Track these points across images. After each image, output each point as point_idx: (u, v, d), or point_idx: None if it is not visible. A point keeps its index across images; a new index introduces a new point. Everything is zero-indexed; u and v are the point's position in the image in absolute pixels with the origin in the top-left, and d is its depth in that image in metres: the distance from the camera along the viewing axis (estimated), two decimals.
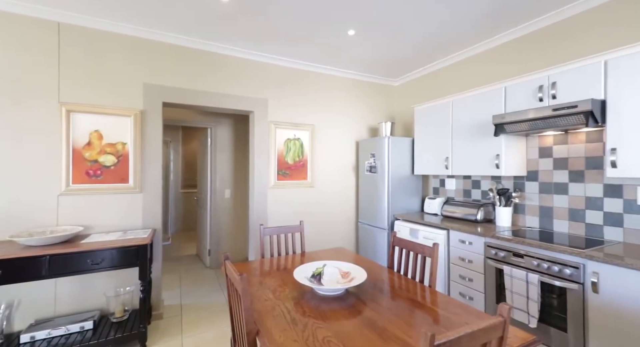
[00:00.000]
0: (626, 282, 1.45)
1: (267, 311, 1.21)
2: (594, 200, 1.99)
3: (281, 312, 1.20)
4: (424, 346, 0.69)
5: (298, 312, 1.20)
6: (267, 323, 1.12)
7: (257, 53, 2.94)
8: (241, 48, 2.84)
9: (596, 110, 1.69)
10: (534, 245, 1.82)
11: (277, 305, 1.26)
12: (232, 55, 2.87)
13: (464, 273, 2.29)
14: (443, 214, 2.84)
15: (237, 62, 2.90)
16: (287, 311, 1.21)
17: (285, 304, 1.27)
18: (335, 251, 2.11)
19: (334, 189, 3.45)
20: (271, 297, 1.34)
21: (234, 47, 2.81)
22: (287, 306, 1.25)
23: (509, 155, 2.30)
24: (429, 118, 2.96)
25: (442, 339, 0.71)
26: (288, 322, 1.12)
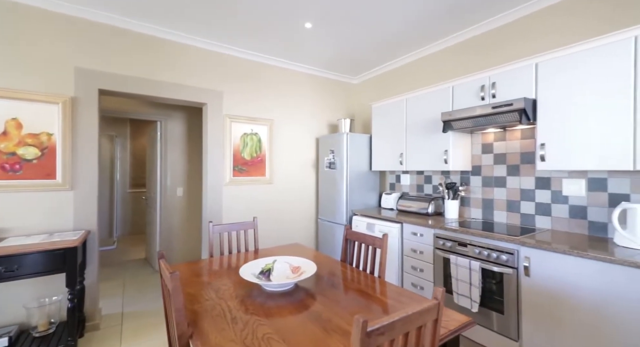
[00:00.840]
0: (552, 265, 1.59)
1: (206, 311, 1.12)
2: (527, 192, 2.17)
3: (222, 312, 1.11)
4: (356, 333, 0.67)
5: (240, 311, 1.13)
6: (204, 324, 1.03)
7: (212, 43, 2.78)
8: (194, 36, 2.66)
9: (528, 108, 1.84)
10: (476, 234, 1.94)
11: (218, 304, 1.18)
12: (184, 43, 2.68)
13: (416, 264, 2.37)
14: (398, 208, 2.93)
15: (190, 51, 2.72)
16: (229, 310, 1.13)
17: (228, 303, 1.19)
18: (291, 247, 2.06)
19: (294, 186, 3.40)
20: (213, 297, 1.25)
21: (188, 34, 2.62)
22: (230, 305, 1.17)
23: (456, 151, 2.43)
24: (385, 115, 3.03)
25: (376, 325, 0.70)
26: (227, 322, 1.04)
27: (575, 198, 1.93)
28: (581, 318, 1.48)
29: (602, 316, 1.41)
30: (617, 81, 1.55)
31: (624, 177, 1.73)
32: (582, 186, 1.89)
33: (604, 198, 1.81)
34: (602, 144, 1.60)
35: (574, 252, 1.49)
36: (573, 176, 1.94)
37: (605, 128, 1.59)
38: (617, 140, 1.55)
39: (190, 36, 2.67)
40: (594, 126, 1.63)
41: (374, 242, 1.62)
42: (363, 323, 0.66)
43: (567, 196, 1.97)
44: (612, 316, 1.38)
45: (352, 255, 1.74)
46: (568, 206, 1.96)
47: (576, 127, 1.70)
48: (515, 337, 1.73)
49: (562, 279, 1.55)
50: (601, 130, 1.60)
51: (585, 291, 1.46)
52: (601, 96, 1.60)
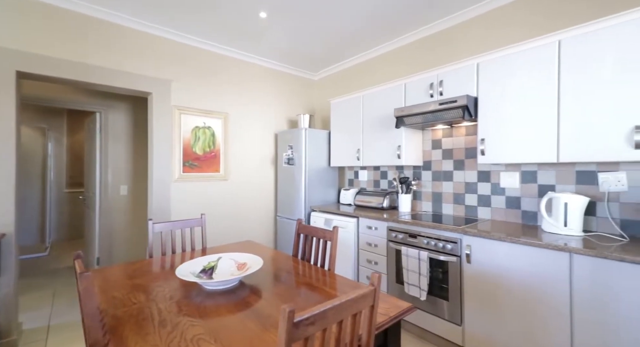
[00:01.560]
0: (490, 252, 1.70)
1: (131, 316, 1.00)
2: (471, 185, 2.31)
3: (149, 315, 1.00)
4: (283, 324, 0.62)
5: (172, 313, 1.02)
6: (126, 330, 0.91)
7: (157, 27, 2.57)
8: (137, 19, 2.43)
9: (470, 105, 1.95)
10: (425, 226, 2.01)
11: (147, 307, 1.06)
12: (125, 26, 2.43)
13: (371, 257, 2.41)
14: (356, 203, 2.96)
15: (132, 35, 2.48)
16: (158, 313, 1.02)
17: (159, 306, 1.08)
18: (242, 244, 1.96)
19: (252, 182, 3.28)
20: (142, 300, 1.12)
21: (129, 16, 2.39)
22: (161, 307, 1.06)
23: (409, 146, 2.51)
24: (343, 112, 3.05)
25: (305, 314, 0.66)
26: (154, 326, 0.94)
27: (511, 190, 2.09)
28: (515, 299, 1.59)
29: (532, 295, 1.53)
30: (544, 81, 1.70)
31: (550, 170, 1.91)
32: (516, 179, 2.06)
33: (534, 189, 1.98)
34: (532, 139, 1.75)
35: (508, 238, 1.61)
36: (509, 169, 2.10)
37: (535, 124, 1.73)
38: (544, 135, 1.70)
39: (131, 18, 2.43)
40: (526, 123, 1.77)
41: (325, 235, 1.59)
42: (289, 313, 0.62)
43: (504, 188, 2.12)
44: (541, 294, 1.50)
45: (304, 249, 1.70)
46: (505, 197, 2.12)
47: (511, 123, 1.84)
48: (459, 321, 1.83)
49: (498, 264, 1.66)
50: (531, 126, 1.75)
51: (519, 273, 1.58)
52: (531, 95, 1.75)
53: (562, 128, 1.63)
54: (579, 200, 1.62)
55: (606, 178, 1.68)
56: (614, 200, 1.67)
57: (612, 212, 1.67)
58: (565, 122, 1.62)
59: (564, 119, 1.62)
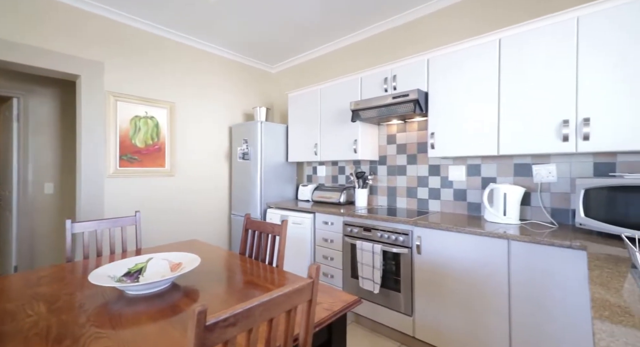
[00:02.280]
0: (439, 242, 1.74)
1: (20, 331, 0.82)
2: (422, 178, 2.37)
3: (45, 329, 0.83)
4: (191, 329, 0.52)
5: (77, 324, 0.85)
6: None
7: (93, 2, 2.25)
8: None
9: (421, 100, 1.99)
10: (379, 219, 2.01)
11: (45, 320, 0.88)
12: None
13: (327, 253, 2.36)
14: (314, 199, 2.90)
15: (62, 9, 2.14)
16: (59, 326, 0.85)
17: (61, 317, 0.90)
18: (185, 243, 1.78)
19: (203, 179, 3.06)
20: (42, 311, 0.93)
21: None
22: (64, 319, 0.89)
23: (365, 141, 2.51)
24: (301, 105, 2.97)
25: (222, 315, 0.56)
26: (47, 342, 0.77)
27: (458, 182, 2.18)
28: (461, 286, 1.64)
29: (476, 281, 1.59)
30: (486, 78, 1.78)
31: (492, 163, 2.02)
32: (463, 172, 2.15)
33: (479, 181, 2.08)
34: (477, 133, 1.82)
35: (454, 228, 1.65)
36: (456, 163, 2.19)
37: (480, 119, 1.81)
38: (487, 129, 1.78)
39: None
40: (472, 117, 1.85)
41: (274, 229, 1.50)
42: (199, 315, 0.52)
43: (452, 181, 2.21)
44: (484, 280, 1.56)
45: (252, 246, 1.59)
46: (453, 190, 2.20)
47: (458, 118, 1.90)
48: (410, 312, 1.85)
49: (446, 254, 1.70)
50: (476, 121, 1.82)
51: (464, 261, 1.63)
52: (476, 91, 1.83)
53: (502, 122, 1.72)
54: (516, 190, 1.72)
55: (539, 170, 1.81)
56: (546, 190, 1.80)
57: (544, 201, 1.81)
58: (504, 116, 1.71)
59: (503, 113, 1.71)
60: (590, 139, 1.43)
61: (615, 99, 1.38)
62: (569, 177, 1.73)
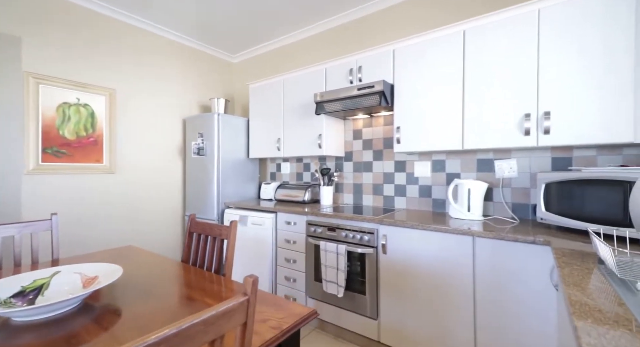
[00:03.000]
0: (405, 240, 1.65)
1: None
2: (388, 175, 2.30)
3: None
4: None
5: None
6: None
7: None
8: None
9: (387, 91, 1.90)
10: (343, 217, 1.89)
11: None
12: None
13: (289, 255, 2.20)
14: (277, 198, 2.72)
15: None
16: None
17: None
18: (116, 252, 1.51)
19: (152, 176, 2.73)
20: None
21: None
22: None
23: (330, 136, 2.38)
24: (263, 97, 2.77)
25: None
26: None
27: (423, 179, 2.13)
28: (427, 285, 1.57)
29: (442, 280, 1.52)
30: (451, 70, 1.73)
31: (456, 158, 1.99)
32: (428, 168, 2.10)
33: (443, 177, 2.05)
34: (442, 127, 1.77)
35: (420, 226, 1.57)
36: (422, 159, 2.14)
37: (445, 113, 1.76)
38: (452, 123, 1.73)
39: None
40: (437, 111, 1.79)
41: (221, 232, 1.30)
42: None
43: (418, 177, 2.16)
44: (449, 278, 1.50)
45: (196, 252, 1.37)
46: (418, 187, 2.15)
47: (423, 111, 1.84)
48: (375, 315, 1.75)
49: (412, 253, 1.62)
50: (442, 115, 1.77)
51: (430, 260, 1.56)
52: (441, 83, 1.77)
53: (466, 116, 1.68)
54: (480, 186, 1.69)
55: (500, 165, 1.81)
56: (507, 185, 1.80)
57: (506, 197, 1.80)
58: (469, 110, 1.67)
59: (468, 107, 1.67)
60: (550, 132, 1.42)
61: (575, 92, 1.37)
62: (528, 172, 1.73)
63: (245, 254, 2.42)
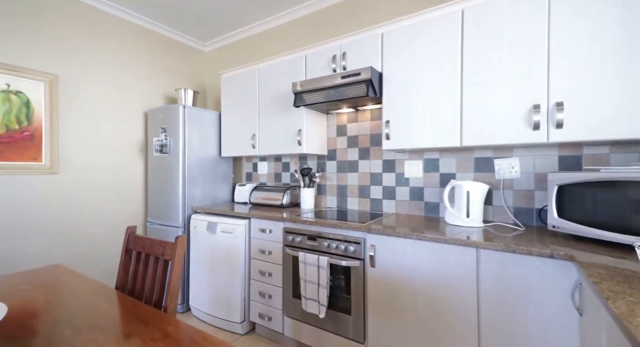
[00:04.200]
0: (396, 251, 1.42)
1: None
2: (376, 176, 2.07)
3: None
4: None
5: None
6: None
7: None
8: None
9: (375, 81, 1.66)
10: (325, 224, 1.63)
11: None
12: None
13: (264, 267, 1.92)
14: (253, 201, 2.43)
15: None
16: None
17: None
18: (29, 274, 1.18)
19: (106, 177, 2.37)
20: None
21: None
22: None
23: (311, 131, 2.12)
24: (236, 88, 2.47)
25: None
26: None
27: (415, 180, 1.91)
28: (421, 304, 1.34)
29: (439, 298, 1.30)
30: (448, 56, 1.51)
31: (451, 157, 1.79)
32: (419, 167, 1.89)
33: (437, 178, 1.83)
34: (437, 121, 1.55)
35: (414, 235, 1.34)
36: (413, 157, 1.92)
37: (441, 105, 1.54)
38: (448, 116, 1.51)
39: None
40: (430, 102, 1.57)
41: (164, 250, 1.01)
42: None
43: (408, 178, 1.94)
44: (448, 296, 1.28)
45: (134, 276, 1.07)
46: (409, 188, 1.93)
47: (416, 103, 1.61)
48: (362, 338, 1.50)
49: (404, 266, 1.39)
50: (435, 106, 1.55)
51: (425, 274, 1.33)
52: (436, 71, 1.55)
53: (465, 109, 1.47)
54: (480, 188, 1.48)
55: (501, 165, 1.61)
56: (508, 187, 1.61)
57: (507, 200, 1.61)
58: (468, 102, 1.46)
59: (467, 98, 1.46)
60: (563, 126, 1.23)
61: (591, 80, 1.19)
62: (532, 172, 1.55)
63: (214, 267, 2.11)
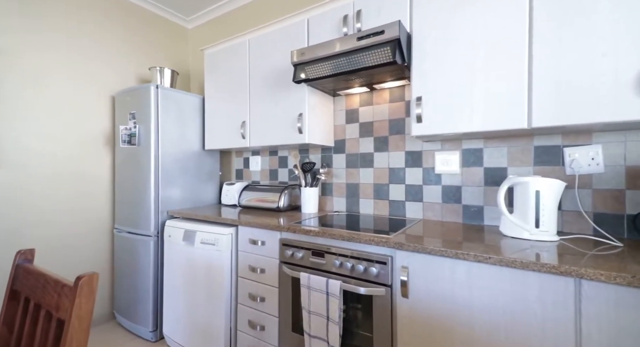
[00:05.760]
0: (438, 276, 0.99)
1: None
2: (397, 172, 1.65)
3: None
4: None
5: None
6: None
7: None
8: None
9: (404, 40, 1.24)
10: (336, 236, 1.20)
11: None
12: None
13: (255, 290, 1.49)
14: (242, 203, 2.00)
15: None
16: None
17: None
18: None
19: (61, 174, 1.93)
20: None
21: None
22: None
23: (315, 116, 1.69)
24: (223, 66, 2.03)
25: None
26: None
27: (449, 176, 1.49)
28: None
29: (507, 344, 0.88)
30: (511, 5, 1.09)
31: (501, 146, 1.37)
32: (456, 160, 1.46)
33: (480, 174, 1.41)
34: (492, 94, 1.13)
35: (471, 255, 0.92)
36: (447, 148, 1.50)
37: (496, 71, 1.12)
38: (511, 88, 1.09)
39: None
40: (482, 68, 1.14)
41: (59, 302, 0.56)
42: None
43: (440, 174, 1.52)
44: (520, 342, 0.86)
45: (18, 338, 0.63)
46: (441, 187, 1.51)
47: (461, 71, 1.19)
48: None
49: (451, 298, 0.97)
50: (490, 74, 1.13)
51: (483, 311, 0.91)
52: (491, 27, 1.13)
53: (536, 76, 1.04)
54: (555, 186, 1.06)
55: (575, 155, 1.19)
56: (585, 186, 1.19)
57: (584, 203, 1.19)
58: (541, 64, 1.03)
59: (539, 59, 1.04)
60: None
61: None
62: (622, 164, 1.13)
63: (192, 287, 1.68)
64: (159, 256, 1.89)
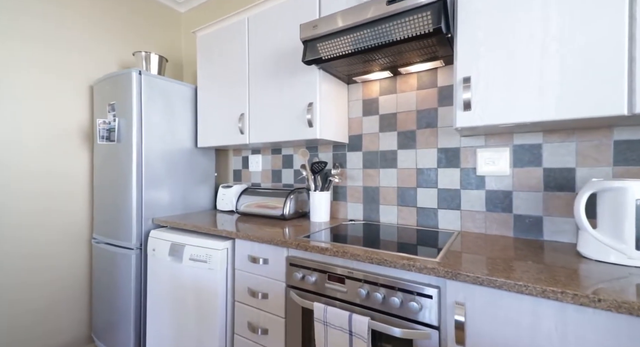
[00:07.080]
0: (511, 319, 0.72)
1: None
2: (426, 172, 1.36)
3: None
4: None
5: None
6: None
7: None
8: None
9: (449, 1, 0.96)
10: (362, 257, 0.92)
11: None
12: None
13: (256, 319, 1.21)
14: (240, 210, 1.72)
15: None
16: None
17: None
18: None
19: (29, 175, 1.64)
20: None
21: None
22: None
23: (327, 106, 1.41)
24: (218, 50, 1.75)
25: None
26: None
27: (495, 179, 1.21)
28: None
29: None
30: None
31: (568, 140, 1.08)
32: (505, 159, 1.18)
33: (538, 176, 1.13)
34: (570, 71, 0.85)
35: (560, 295, 0.64)
36: (492, 144, 1.22)
37: (576, 39, 0.84)
38: (596, 61, 0.81)
39: None
40: (555, 36, 0.86)
41: None
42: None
43: (483, 176, 1.23)
44: None
45: None
46: (484, 192, 1.23)
47: (527, 42, 0.91)
48: None
49: None
50: (568, 44, 0.85)
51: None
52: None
53: (639, 46, 0.77)
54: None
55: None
56: None
57: None
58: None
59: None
60: None
61: None
62: None
63: (180, 312, 1.39)
64: (142, 273, 1.61)
